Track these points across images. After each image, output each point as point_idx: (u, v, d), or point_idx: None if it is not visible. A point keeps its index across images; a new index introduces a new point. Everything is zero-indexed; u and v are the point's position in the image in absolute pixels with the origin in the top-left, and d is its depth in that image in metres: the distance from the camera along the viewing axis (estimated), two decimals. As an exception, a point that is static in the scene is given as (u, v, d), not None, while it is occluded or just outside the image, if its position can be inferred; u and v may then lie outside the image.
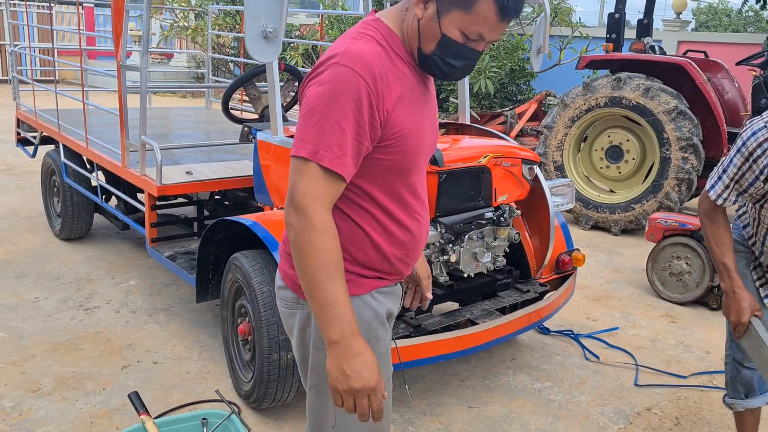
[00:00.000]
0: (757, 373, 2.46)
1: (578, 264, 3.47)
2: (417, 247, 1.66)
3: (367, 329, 1.57)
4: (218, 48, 14.19)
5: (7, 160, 7.59)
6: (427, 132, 1.61)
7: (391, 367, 1.72)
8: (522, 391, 3.23)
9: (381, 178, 1.53)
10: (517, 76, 10.79)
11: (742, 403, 2.51)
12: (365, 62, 1.42)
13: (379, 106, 1.44)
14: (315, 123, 1.42)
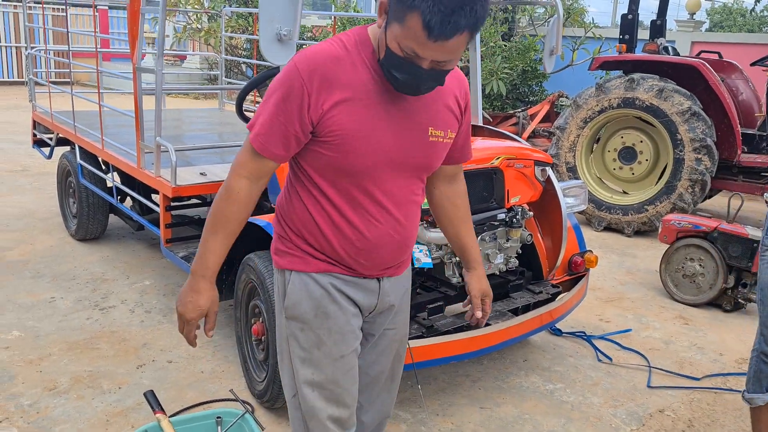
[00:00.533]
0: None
1: (591, 265, 3.47)
2: (372, 251, 1.70)
3: (315, 305, 1.72)
4: (231, 50, 14.27)
5: (23, 162, 7.67)
6: (392, 141, 1.62)
7: (345, 345, 1.75)
8: (534, 392, 3.24)
9: (328, 173, 1.64)
10: (530, 77, 10.77)
11: (763, 397, 2.49)
12: (310, 61, 1.56)
13: (311, 102, 1.55)
14: (261, 107, 1.63)
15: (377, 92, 1.59)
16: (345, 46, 1.59)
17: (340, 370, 1.75)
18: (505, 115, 8.16)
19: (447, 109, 1.70)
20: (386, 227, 1.70)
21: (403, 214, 1.72)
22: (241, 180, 1.65)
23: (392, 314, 1.87)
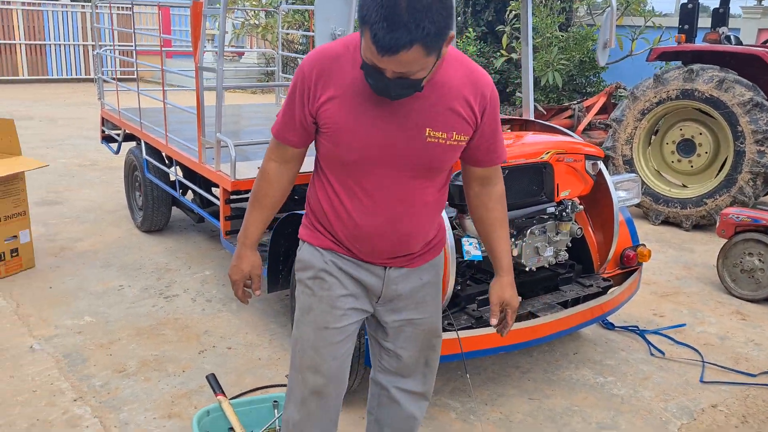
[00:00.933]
0: None
1: (643, 259, 3.45)
2: (367, 239, 1.82)
3: (314, 272, 1.91)
4: (287, 45, 14.52)
5: (92, 157, 8.04)
6: (381, 138, 1.70)
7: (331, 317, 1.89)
8: (584, 385, 3.26)
9: (329, 162, 1.81)
10: (587, 68, 10.58)
11: None
12: (313, 56, 1.73)
13: (310, 94, 1.72)
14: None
15: (363, 90, 1.67)
16: (348, 46, 1.71)
17: (321, 340, 1.90)
18: (559, 108, 8.07)
19: (451, 111, 1.71)
20: (380, 219, 1.79)
21: (404, 210, 1.79)
22: (270, 163, 1.91)
23: (414, 304, 1.96)
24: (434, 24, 1.44)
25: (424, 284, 1.96)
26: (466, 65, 1.74)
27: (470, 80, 1.73)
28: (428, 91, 1.66)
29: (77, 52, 16.11)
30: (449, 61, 1.69)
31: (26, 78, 15.50)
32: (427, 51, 1.48)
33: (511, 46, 10.09)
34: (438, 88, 1.68)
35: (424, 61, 1.50)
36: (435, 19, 1.44)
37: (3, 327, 3.65)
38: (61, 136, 9.24)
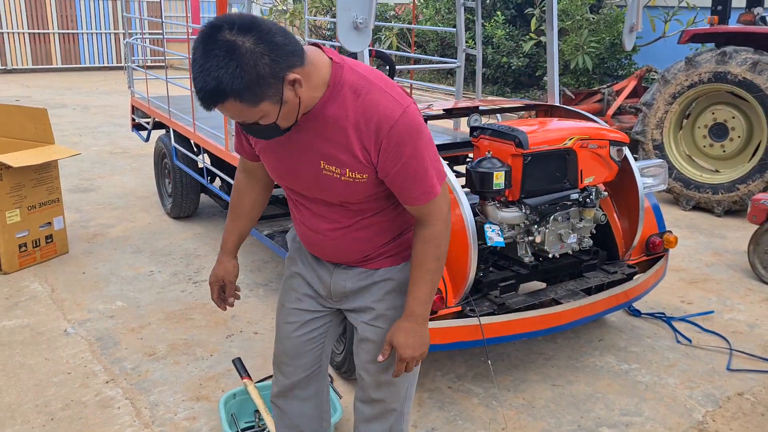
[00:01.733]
0: None
1: (670, 246, 3.42)
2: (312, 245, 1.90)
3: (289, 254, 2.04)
4: (315, 30, 14.54)
5: (123, 144, 8.18)
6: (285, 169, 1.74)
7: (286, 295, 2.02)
8: (608, 372, 3.25)
9: None
10: (618, 51, 10.42)
11: None
12: None
13: None
14: None
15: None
16: None
17: (280, 316, 2.04)
18: (588, 92, 7.96)
19: (344, 148, 1.61)
20: (319, 235, 1.84)
21: (334, 233, 1.80)
22: (238, 173, 2.00)
23: (371, 315, 1.89)
24: (235, 78, 1.39)
25: (374, 284, 1.87)
26: (368, 100, 1.57)
27: (366, 117, 1.57)
28: (322, 125, 1.60)
29: (109, 40, 16.35)
30: (350, 96, 1.57)
31: (60, 66, 15.79)
32: (244, 103, 1.44)
33: (540, 30, 9.98)
34: (332, 123, 1.59)
35: (253, 111, 1.46)
36: (235, 74, 1.38)
37: (38, 311, 3.77)
38: (94, 124, 9.41)
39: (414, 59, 8.41)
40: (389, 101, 1.57)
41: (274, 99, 1.47)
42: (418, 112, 1.63)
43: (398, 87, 1.65)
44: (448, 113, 3.71)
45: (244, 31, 1.39)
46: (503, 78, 12.34)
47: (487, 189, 2.82)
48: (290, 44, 1.46)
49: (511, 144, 2.85)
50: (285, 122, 1.55)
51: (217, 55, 1.38)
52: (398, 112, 1.56)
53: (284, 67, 1.44)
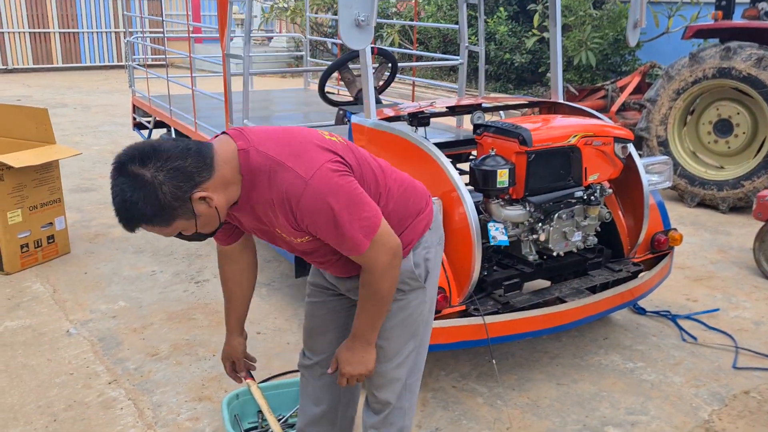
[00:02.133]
0: None
1: (675, 243, 3.39)
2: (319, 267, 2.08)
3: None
4: (316, 27, 14.51)
5: (124, 143, 8.05)
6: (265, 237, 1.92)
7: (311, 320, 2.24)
8: (613, 371, 3.23)
9: None
10: (621, 47, 10.35)
11: None
12: None
13: None
14: None
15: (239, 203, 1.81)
16: None
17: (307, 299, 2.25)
18: (592, 88, 7.92)
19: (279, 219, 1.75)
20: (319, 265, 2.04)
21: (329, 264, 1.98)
22: (219, 259, 2.14)
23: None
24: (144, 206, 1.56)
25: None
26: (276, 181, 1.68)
27: (280, 198, 1.69)
28: (252, 209, 1.76)
29: (109, 39, 16.33)
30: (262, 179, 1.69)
31: (61, 66, 15.79)
32: (157, 226, 1.63)
33: (543, 26, 9.92)
34: (261, 204, 1.74)
35: (168, 229, 1.64)
36: (141, 204, 1.56)
37: (40, 311, 3.76)
38: (95, 123, 9.40)
39: (416, 56, 8.38)
40: (292, 178, 1.66)
41: (185, 216, 1.63)
42: (329, 175, 1.67)
43: (308, 152, 1.69)
44: (451, 111, 3.69)
45: (144, 162, 1.56)
46: (506, 74, 12.30)
47: (490, 187, 2.80)
48: (192, 163, 1.59)
49: (514, 141, 2.83)
50: (208, 228, 1.72)
51: (123, 189, 1.56)
52: (301, 187, 1.65)
53: (187, 189, 1.60)
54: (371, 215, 1.74)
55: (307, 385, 2.31)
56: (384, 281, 1.82)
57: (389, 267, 1.81)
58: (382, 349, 2.01)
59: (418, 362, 2.09)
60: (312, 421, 2.32)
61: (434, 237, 2.03)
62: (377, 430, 2.09)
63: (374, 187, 1.86)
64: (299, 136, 1.75)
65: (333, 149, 1.74)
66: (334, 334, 2.19)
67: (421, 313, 2.02)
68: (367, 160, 1.88)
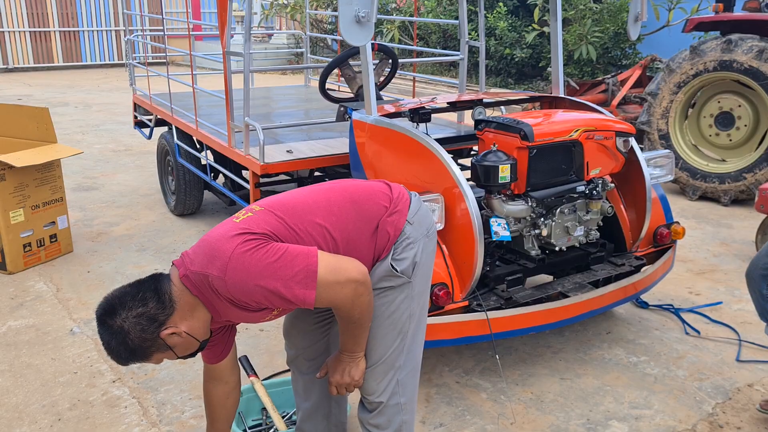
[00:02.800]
0: None
1: (677, 237, 3.39)
2: None
3: None
4: (316, 24, 14.49)
5: (126, 142, 8.17)
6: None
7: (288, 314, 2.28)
8: (617, 365, 3.23)
9: None
10: (622, 40, 10.34)
11: None
12: None
13: None
14: None
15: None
16: None
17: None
18: (593, 82, 7.91)
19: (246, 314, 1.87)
20: None
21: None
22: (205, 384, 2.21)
23: None
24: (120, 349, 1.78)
25: None
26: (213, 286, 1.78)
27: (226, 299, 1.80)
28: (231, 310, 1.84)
29: (110, 37, 16.33)
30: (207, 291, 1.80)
31: (61, 65, 15.79)
32: (140, 361, 1.83)
33: (543, 20, 9.91)
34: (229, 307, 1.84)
35: (150, 361, 1.84)
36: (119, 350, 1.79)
37: (44, 311, 3.76)
38: (96, 122, 9.40)
39: (416, 52, 8.37)
40: (218, 281, 1.76)
41: (161, 350, 1.81)
42: (241, 260, 1.73)
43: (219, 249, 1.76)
44: (452, 106, 3.68)
45: (111, 315, 1.77)
46: (506, 69, 12.28)
47: (492, 182, 2.80)
48: (153, 307, 1.77)
49: (516, 137, 2.82)
50: (189, 351, 1.86)
51: (103, 336, 1.79)
52: (225, 285, 1.75)
53: (154, 330, 1.77)
54: (303, 267, 1.75)
55: (296, 381, 2.38)
56: (354, 310, 1.86)
57: (354, 296, 1.82)
58: (368, 350, 2.03)
59: (411, 357, 2.08)
60: (306, 416, 2.36)
61: (419, 230, 2.00)
62: (377, 428, 2.09)
63: (313, 228, 1.87)
64: (214, 235, 1.82)
65: (244, 229, 1.78)
66: (310, 328, 2.26)
67: (407, 309, 2.01)
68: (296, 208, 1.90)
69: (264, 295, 1.75)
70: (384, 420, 2.09)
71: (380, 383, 2.05)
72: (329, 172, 4.43)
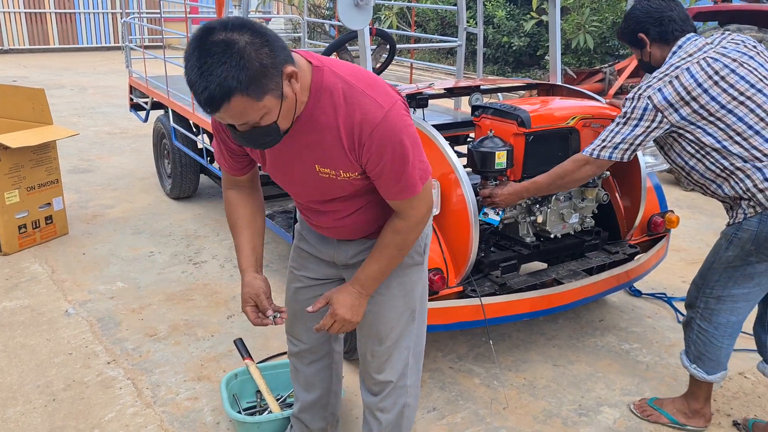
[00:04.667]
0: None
1: (671, 226, 3.40)
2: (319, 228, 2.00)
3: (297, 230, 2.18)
4: (314, 9, 14.42)
5: (122, 125, 8.14)
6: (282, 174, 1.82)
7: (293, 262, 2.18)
8: (609, 352, 3.25)
9: None
10: (619, 30, 10.34)
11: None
12: None
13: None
14: None
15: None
16: None
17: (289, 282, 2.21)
18: (590, 71, 7.90)
19: (334, 150, 1.65)
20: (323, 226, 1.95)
21: (336, 222, 1.89)
22: (226, 191, 1.99)
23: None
24: (239, 71, 1.38)
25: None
26: (350, 104, 1.58)
27: (350, 123, 1.59)
28: (310, 130, 1.63)
29: (106, 20, 16.22)
30: (333, 100, 1.59)
31: (57, 47, 15.68)
32: (251, 97, 1.42)
33: (541, 8, 9.88)
34: (319, 127, 1.62)
35: (258, 106, 1.44)
36: (240, 66, 1.38)
37: (39, 292, 3.76)
38: (92, 104, 9.36)
39: (414, 38, 8.34)
40: (370, 104, 1.58)
41: (275, 93, 1.47)
42: (403, 112, 1.64)
43: (383, 86, 1.64)
44: (450, 92, 3.68)
45: (238, 28, 1.40)
46: (504, 58, 12.25)
47: (489, 168, 2.80)
48: (281, 41, 1.48)
49: (513, 123, 2.83)
50: (284, 122, 1.55)
51: (216, 52, 1.37)
52: (380, 116, 1.57)
53: (281, 60, 1.46)
54: (426, 161, 1.74)
55: (297, 372, 2.31)
56: (413, 232, 1.80)
57: (423, 219, 1.79)
58: (382, 326, 2.01)
59: (419, 341, 2.10)
60: (305, 407, 2.34)
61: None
62: (381, 411, 2.10)
63: None
64: (369, 73, 1.66)
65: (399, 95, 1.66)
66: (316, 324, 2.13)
67: (417, 290, 2.03)
68: None
69: (395, 154, 1.61)
70: (390, 402, 2.09)
71: (394, 362, 2.04)
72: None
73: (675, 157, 2.48)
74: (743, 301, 2.49)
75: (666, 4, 2.51)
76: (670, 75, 2.35)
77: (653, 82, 2.37)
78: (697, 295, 2.58)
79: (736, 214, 2.41)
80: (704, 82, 2.30)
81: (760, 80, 2.33)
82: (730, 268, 2.44)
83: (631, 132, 2.40)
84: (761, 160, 2.29)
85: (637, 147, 2.42)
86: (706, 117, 2.32)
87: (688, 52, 2.40)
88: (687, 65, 2.35)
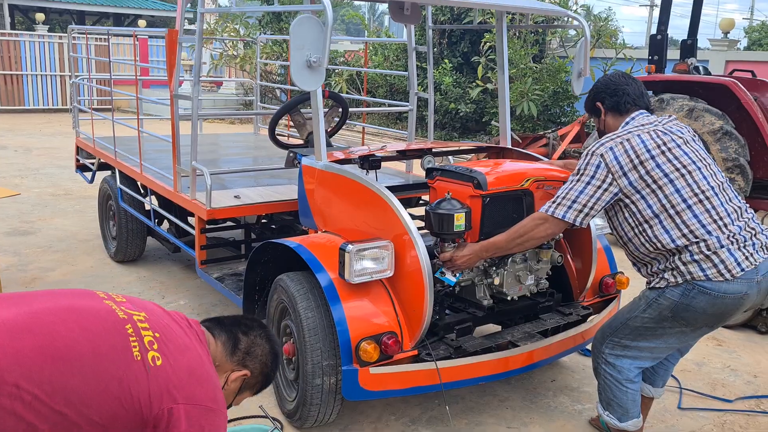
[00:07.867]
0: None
1: (622, 287, 3.46)
2: None
3: None
4: (265, 75, 14.57)
5: (66, 186, 7.93)
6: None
7: None
8: (562, 413, 3.23)
9: None
10: (561, 98, 10.78)
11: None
12: None
13: None
14: None
15: None
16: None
17: None
18: (534, 136, 8.17)
19: None
20: None
21: None
22: None
23: None
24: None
25: None
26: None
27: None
28: None
29: (54, 82, 16.00)
30: None
31: (2, 108, 15.34)
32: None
33: (486, 77, 10.23)
34: None
35: None
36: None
37: (-31, 361, 3.53)
38: (36, 166, 9.12)
39: (366, 102, 8.48)
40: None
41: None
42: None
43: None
44: (402, 154, 3.72)
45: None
46: (451, 123, 12.57)
47: (447, 230, 2.78)
48: None
49: (469, 185, 2.84)
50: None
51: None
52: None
53: None
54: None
55: None
56: None
57: None
58: None
59: None
60: None
61: None
62: None
63: None
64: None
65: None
66: None
67: None
68: None
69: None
70: None
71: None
72: (276, 219, 4.39)
73: (617, 225, 2.64)
74: (648, 352, 2.66)
75: (624, 80, 2.75)
76: (622, 137, 2.52)
77: (605, 141, 2.52)
78: (603, 341, 2.74)
79: (659, 279, 2.53)
80: (653, 149, 2.47)
81: (700, 160, 2.53)
82: (643, 327, 2.61)
83: (584, 189, 2.51)
84: (688, 239, 2.42)
85: (590, 211, 2.52)
86: (650, 185, 2.46)
87: (640, 123, 2.61)
88: (638, 132, 2.55)
